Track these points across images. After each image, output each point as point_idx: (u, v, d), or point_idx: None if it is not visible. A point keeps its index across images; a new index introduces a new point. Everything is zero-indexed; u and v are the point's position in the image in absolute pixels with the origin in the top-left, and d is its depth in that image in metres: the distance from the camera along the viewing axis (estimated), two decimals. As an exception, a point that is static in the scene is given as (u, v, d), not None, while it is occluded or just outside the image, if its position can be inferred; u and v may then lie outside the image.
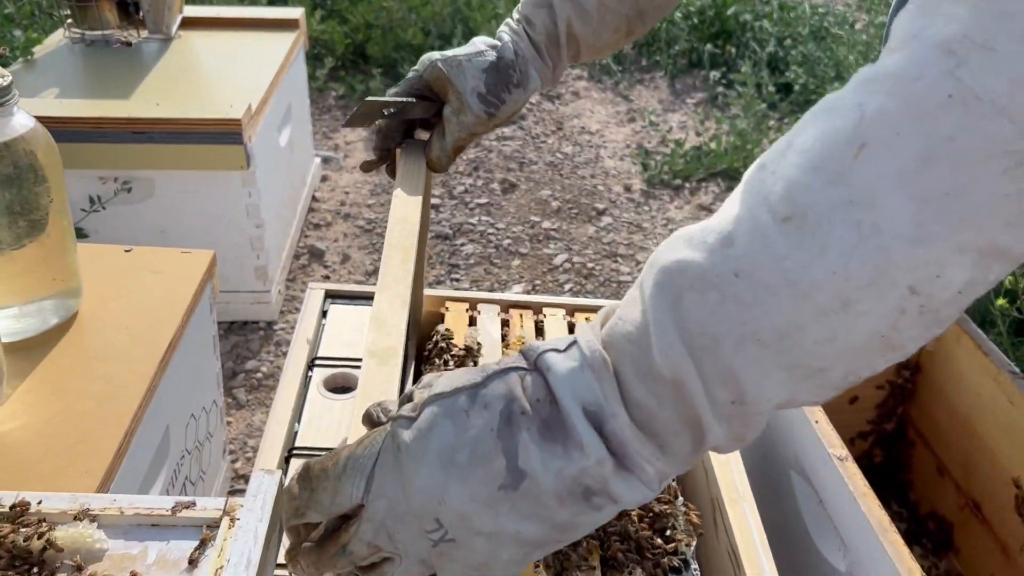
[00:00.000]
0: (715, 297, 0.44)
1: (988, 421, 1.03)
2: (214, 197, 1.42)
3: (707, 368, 0.44)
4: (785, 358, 0.43)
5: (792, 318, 0.42)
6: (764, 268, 0.42)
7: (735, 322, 0.43)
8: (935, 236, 0.40)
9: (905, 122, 0.40)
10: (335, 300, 1.04)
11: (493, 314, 1.04)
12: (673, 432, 0.46)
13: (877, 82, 0.42)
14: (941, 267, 0.41)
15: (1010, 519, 0.99)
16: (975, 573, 1.07)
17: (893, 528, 0.78)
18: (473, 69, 0.85)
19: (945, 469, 1.12)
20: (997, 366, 1.00)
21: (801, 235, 0.42)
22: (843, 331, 0.42)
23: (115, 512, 0.60)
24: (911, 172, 0.40)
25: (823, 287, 0.41)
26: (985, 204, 0.39)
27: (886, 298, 0.41)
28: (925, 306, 0.41)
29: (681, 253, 0.45)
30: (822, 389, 0.45)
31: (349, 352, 0.96)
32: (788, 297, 0.42)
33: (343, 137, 2.44)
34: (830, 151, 0.42)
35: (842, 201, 0.41)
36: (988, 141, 0.39)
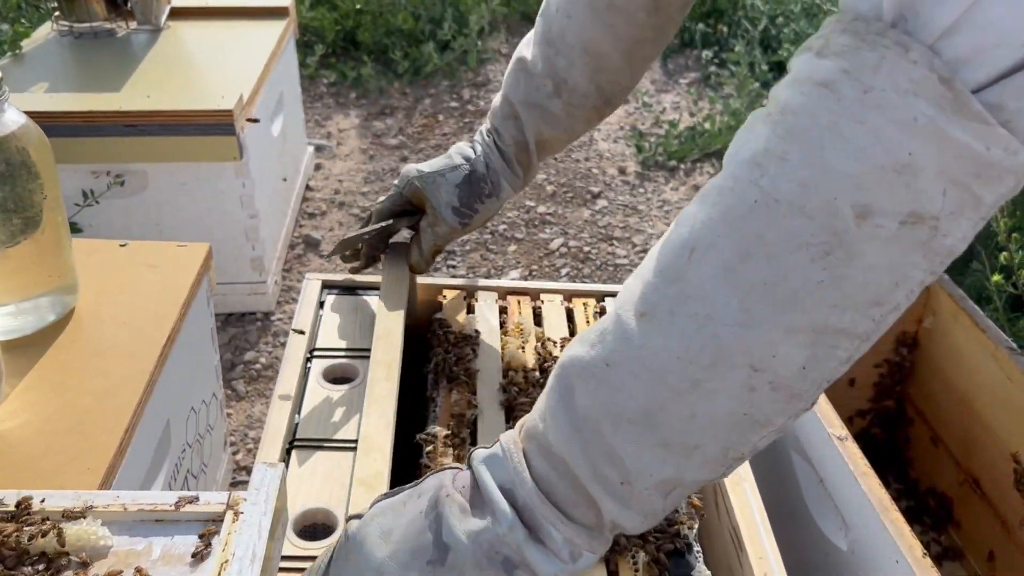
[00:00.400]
0: (593, 384, 0.52)
1: (986, 397, 1.03)
2: (208, 188, 1.41)
3: (593, 448, 0.52)
4: (656, 435, 0.50)
5: (653, 398, 0.50)
6: (627, 358, 0.51)
7: (609, 404, 0.51)
8: (761, 320, 0.47)
9: (723, 226, 0.48)
10: (332, 290, 1.04)
11: (491, 301, 1.04)
12: (572, 503, 0.53)
13: (708, 195, 0.50)
14: (774, 347, 0.47)
15: (1009, 494, 1.00)
16: (975, 548, 1.08)
17: (894, 506, 0.78)
18: (447, 184, 0.93)
19: (944, 445, 1.13)
20: (994, 342, 1.00)
21: (652, 327, 0.50)
22: (701, 408, 0.49)
23: (118, 509, 0.60)
24: (733, 267, 0.47)
25: (672, 370, 0.49)
26: (803, 289, 0.46)
27: (730, 377, 0.48)
28: (774, 382, 0.48)
29: (573, 349, 0.54)
30: (709, 465, 0.52)
31: (347, 343, 0.96)
32: (647, 380, 0.50)
33: (336, 125, 2.43)
34: (670, 256, 0.50)
35: (681, 297, 0.49)
36: (792, 235, 0.46)
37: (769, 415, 0.50)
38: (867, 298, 0.47)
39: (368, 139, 2.36)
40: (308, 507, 0.76)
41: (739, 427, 0.50)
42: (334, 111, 2.51)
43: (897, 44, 0.44)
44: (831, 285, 0.46)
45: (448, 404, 0.87)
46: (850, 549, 0.84)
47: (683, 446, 0.51)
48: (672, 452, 0.51)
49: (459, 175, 0.93)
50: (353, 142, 2.34)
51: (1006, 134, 0.44)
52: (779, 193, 0.46)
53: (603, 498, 0.53)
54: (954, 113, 0.43)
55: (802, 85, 0.47)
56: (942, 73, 0.43)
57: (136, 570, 0.56)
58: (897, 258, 0.46)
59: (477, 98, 2.60)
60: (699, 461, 0.52)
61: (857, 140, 0.44)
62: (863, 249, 0.45)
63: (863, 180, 0.44)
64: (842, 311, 0.47)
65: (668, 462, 0.51)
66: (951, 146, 0.44)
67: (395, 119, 2.47)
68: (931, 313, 1.13)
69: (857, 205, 0.45)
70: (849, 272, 0.46)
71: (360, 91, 2.61)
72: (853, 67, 0.45)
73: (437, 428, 0.84)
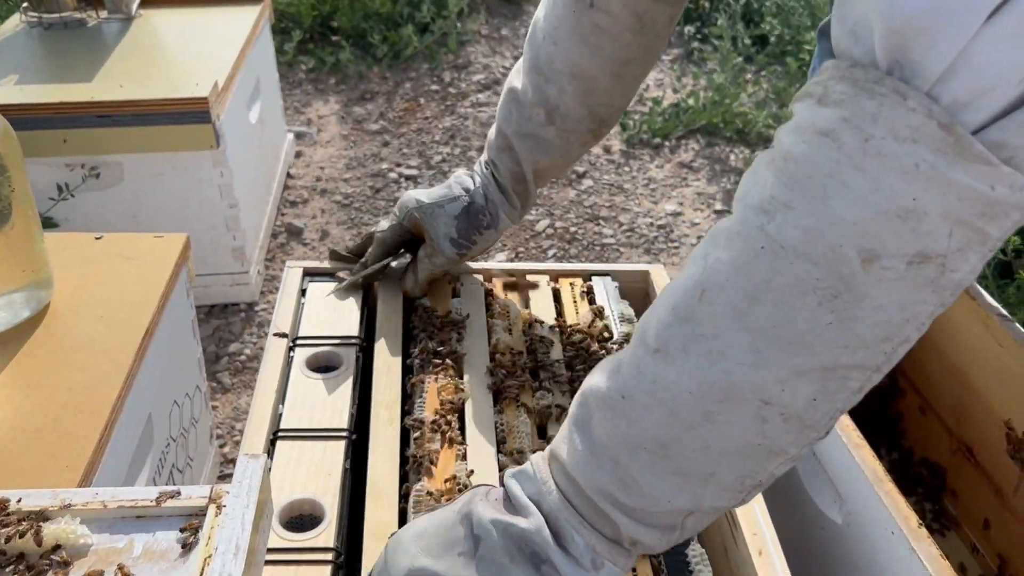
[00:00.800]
0: (610, 415, 0.54)
1: (978, 365, 1.02)
2: (185, 179, 1.39)
3: (609, 474, 0.54)
4: (672, 464, 0.52)
5: (668, 431, 0.51)
6: (640, 391, 0.52)
7: (626, 434, 0.53)
8: (770, 360, 0.48)
9: (732, 270, 0.49)
10: (314, 278, 1.02)
11: (476, 284, 1.03)
12: (592, 518, 0.55)
13: (718, 237, 0.51)
14: (783, 384, 0.48)
15: (1003, 462, 0.99)
16: (969, 517, 1.07)
17: (888, 478, 0.77)
18: (446, 216, 0.94)
19: (936, 415, 1.12)
20: (985, 310, 0.99)
21: (665, 363, 0.51)
22: (714, 440, 0.50)
23: (98, 506, 0.58)
24: (743, 310, 0.48)
25: (685, 404, 0.50)
26: (811, 332, 0.47)
27: (741, 410, 0.49)
28: (785, 414, 0.49)
29: (593, 379, 0.57)
30: (726, 493, 0.53)
31: (330, 330, 0.94)
32: (660, 414, 0.51)
33: (315, 111, 2.40)
34: (683, 295, 0.51)
35: (693, 335, 0.50)
36: (798, 281, 0.47)
37: (782, 445, 0.51)
38: (877, 335, 0.48)
39: (349, 125, 2.33)
40: (294, 498, 0.75)
41: (753, 456, 0.51)
42: (313, 97, 2.48)
43: (895, 92, 0.44)
44: (840, 327, 0.47)
45: (435, 389, 0.86)
46: (845, 522, 0.83)
47: (699, 475, 0.52)
48: (688, 481, 0.52)
49: (458, 207, 0.94)
50: (333, 128, 2.32)
51: (1011, 172, 0.44)
52: (785, 240, 0.47)
53: (620, 517, 0.54)
54: (956, 156, 0.43)
55: (804, 133, 0.47)
56: (941, 119, 0.43)
57: (118, 568, 0.55)
58: (906, 296, 0.47)
59: (458, 80, 2.57)
60: (715, 489, 0.53)
61: (859, 188, 0.45)
62: (870, 291, 0.46)
63: (867, 226, 0.45)
64: (853, 350, 0.48)
65: (684, 490, 0.53)
66: (954, 189, 0.44)
67: (375, 104, 2.44)
68: (920, 282, 1.12)
69: (863, 250, 0.45)
70: (858, 313, 0.47)
71: (339, 77, 2.58)
72: (853, 116, 0.45)
73: (424, 414, 0.83)
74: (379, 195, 2.03)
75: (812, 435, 0.51)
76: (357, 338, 0.93)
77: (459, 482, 0.76)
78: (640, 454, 0.52)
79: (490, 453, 0.79)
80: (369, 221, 1.92)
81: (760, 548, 0.71)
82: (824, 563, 0.90)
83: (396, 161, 2.17)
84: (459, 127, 2.33)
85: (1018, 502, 0.98)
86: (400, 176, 2.11)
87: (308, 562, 0.70)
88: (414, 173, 2.12)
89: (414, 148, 2.23)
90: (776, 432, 0.50)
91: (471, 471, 0.77)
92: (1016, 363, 0.94)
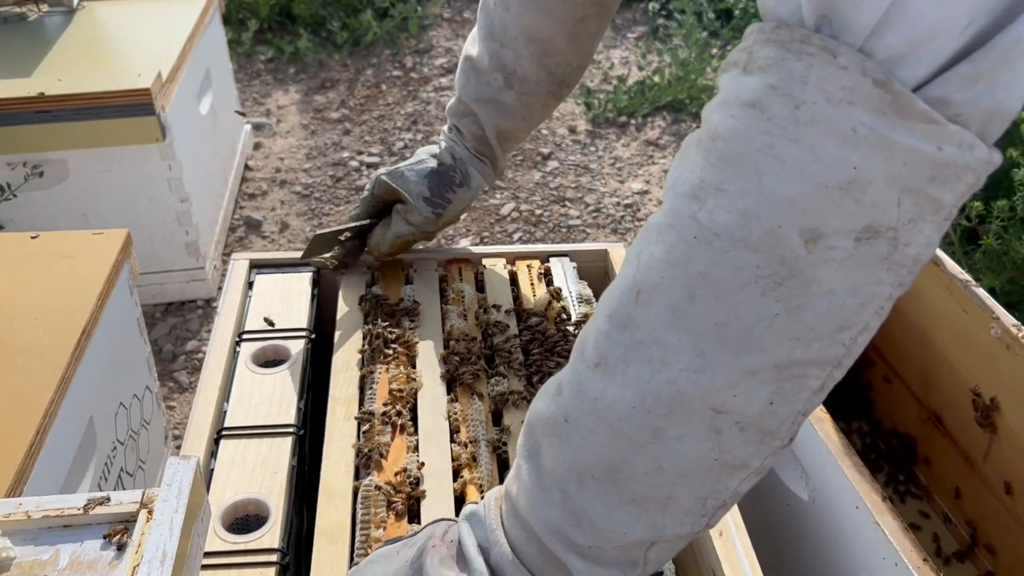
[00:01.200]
0: (555, 442, 0.48)
1: (943, 332, 1.01)
2: (133, 173, 1.34)
3: (559, 510, 0.48)
4: (624, 491, 0.46)
5: (615, 453, 0.46)
6: (583, 411, 0.47)
7: (572, 462, 0.47)
8: (717, 363, 0.43)
9: (666, 267, 0.44)
10: (261, 270, 0.99)
11: (431, 270, 0.99)
12: (540, 568, 0.50)
13: (650, 232, 0.46)
14: (734, 388, 0.43)
15: (971, 429, 0.98)
16: (940, 485, 1.06)
17: (852, 451, 0.75)
18: (416, 177, 0.92)
19: (904, 384, 1.10)
20: (950, 276, 0.98)
21: (606, 378, 0.46)
22: (667, 458, 0.45)
23: (21, 517, 0.55)
24: (682, 309, 0.43)
25: (630, 421, 0.45)
26: (758, 326, 0.42)
27: (692, 422, 0.44)
28: (741, 423, 0.44)
29: (537, 404, 0.51)
30: (688, 517, 0.47)
31: (279, 323, 0.91)
32: (605, 434, 0.46)
33: (275, 102, 2.36)
34: (618, 300, 0.46)
35: (632, 343, 0.45)
36: (738, 270, 0.42)
37: (742, 457, 0.46)
38: (832, 325, 0.43)
39: (309, 114, 2.29)
40: (239, 498, 0.72)
41: (712, 473, 0.46)
42: (273, 88, 2.43)
43: (823, 50, 0.40)
44: (788, 318, 0.42)
45: (386, 380, 0.83)
46: (811, 499, 0.81)
47: (655, 500, 0.47)
48: (644, 508, 0.47)
49: (426, 168, 0.94)
50: (293, 118, 2.27)
51: (958, 130, 0.40)
52: (719, 227, 0.42)
53: (573, 561, 0.49)
54: (896, 116, 0.39)
55: (731, 107, 0.43)
56: (876, 76, 0.39)
57: (38, 582, 0.52)
58: (858, 278, 0.42)
59: (420, 65, 2.53)
60: (676, 515, 0.47)
61: (794, 161, 0.40)
62: (818, 275, 0.41)
63: (807, 203, 0.40)
64: (806, 343, 0.43)
65: (641, 519, 0.47)
66: (898, 153, 0.40)
67: (336, 92, 2.40)
68: (884, 251, 1.10)
69: (804, 230, 0.41)
70: (806, 301, 0.42)
71: (299, 66, 2.53)
72: (780, 81, 0.41)
73: (375, 406, 0.80)
74: (340, 184, 1.99)
75: (774, 443, 0.46)
76: (305, 330, 0.90)
77: (410, 475, 0.73)
78: (588, 483, 0.47)
79: (443, 444, 0.77)
80: (329, 211, 1.88)
81: (721, 529, 0.69)
82: (792, 541, 0.88)
83: (357, 149, 2.13)
84: (421, 112, 2.29)
85: (987, 470, 0.96)
86: (361, 164, 2.07)
87: (251, 564, 0.67)
88: (376, 160, 2.08)
89: (376, 135, 2.19)
90: (733, 444, 0.45)
91: (422, 463, 0.74)
92: (981, 329, 0.93)
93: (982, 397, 0.95)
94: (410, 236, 0.94)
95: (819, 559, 0.81)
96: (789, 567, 0.90)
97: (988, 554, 0.98)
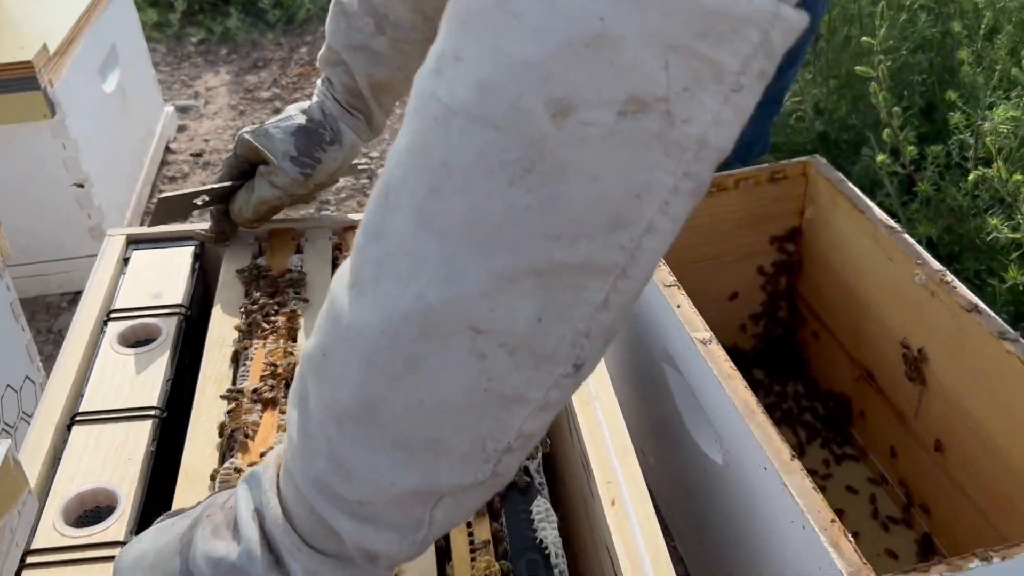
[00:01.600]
0: (316, 380, 0.42)
1: (870, 283, 0.95)
2: (23, 154, 1.26)
3: (323, 460, 0.42)
4: (386, 433, 0.40)
5: (371, 388, 0.39)
6: (338, 341, 0.40)
7: (331, 403, 0.41)
8: (466, 270, 0.36)
9: (409, 158, 0.37)
10: (139, 246, 0.92)
11: (324, 239, 0.93)
12: (310, 530, 0.44)
13: (405, 121, 0.39)
14: (491, 300, 0.36)
15: (902, 384, 0.92)
16: (877, 446, 1.01)
17: (760, 409, 0.70)
18: (282, 134, 0.85)
19: (837, 341, 1.05)
20: (874, 223, 0.92)
21: (359, 299, 0.39)
22: (427, 392, 0.39)
23: None
24: (426, 209, 0.37)
25: (381, 349, 0.38)
26: (507, 222, 0.35)
27: (451, 346, 0.38)
28: (508, 344, 0.37)
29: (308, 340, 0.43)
30: (468, 465, 0.41)
31: (152, 301, 0.84)
32: (358, 366, 0.39)
33: (204, 83, 2.27)
34: (371, 205, 0.39)
35: (383, 255, 0.38)
36: (481, 155, 0.35)
37: (517, 388, 0.39)
38: (599, 221, 0.35)
39: (239, 95, 2.20)
40: (86, 488, 0.65)
41: (486, 409, 0.39)
42: (203, 70, 2.34)
43: None
44: (542, 211, 0.35)
45: (261, 356, 0.76)
46: (725, 461, 0.76)
47: (422, 443, 0.40)
48: (412, 453, 0.40)
49: (293, 124, 0.87)
50: (222, 99, 2.18)
51: None
52: (457, 103, 0.35)
53: (343, 522, 0.42)
54: None
55: None
56: None
57: None
58: (627, 161, 0.34)
59: (356, 42, 2.44)
60: (450, 461, 0.40)
61: (532, 14, 0.33)
62: (573, 157, 0.34)
63: (550, 66, 0.33)
64: (570, 243, 0.35)
65: (410, 467, 0.40)
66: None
67: (269, 71, 2.31)
68: (811, 202, 1.04)
69: (551, 101, 0.33)
70: (562, 190, 0.34)
71: (230, 46, 2.43)
72: None
73: (246, 383, 0.73)
74: (269, 165, 1.91)
75: (555, 370, 0.38)
76: (180, 306, 0.83)
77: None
78: (348, 425, 0.40)
79: (318, 419, 0.70)
80: (258, 192, 1.80)
81: (614, 497, 0.63)
82: (708, 506, 0.82)
83: (289, 128, 2.05)
84: (356, 89, 2.21)
85: (919, 426, 0.91)
86: (292, 144, 1.99)
87: (92, 560, 0.60)
88: (307, 139, 2.00)
89: (308, 114, 2.11)
90: (503, 371, 0.38)
91: (291, 441, 0.68)
92: (907, 277, 0.87)
93: (911, 349, 0.90)
94: (276, 200, 0.87)
95: (735, 524, 0.75)
96: (708, 534, 0.84)
97: (923, 514, 0.93)
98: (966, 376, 0.82)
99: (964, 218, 1.14)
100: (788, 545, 0.64)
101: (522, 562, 0.59)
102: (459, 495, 0.42)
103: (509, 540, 0.61)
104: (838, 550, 0.58)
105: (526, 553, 0.60)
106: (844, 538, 0.59)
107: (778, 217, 1.06)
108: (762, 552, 0.70)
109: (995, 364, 0.77)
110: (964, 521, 0.86)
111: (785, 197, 1.05)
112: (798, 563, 0.63)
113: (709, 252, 1.05)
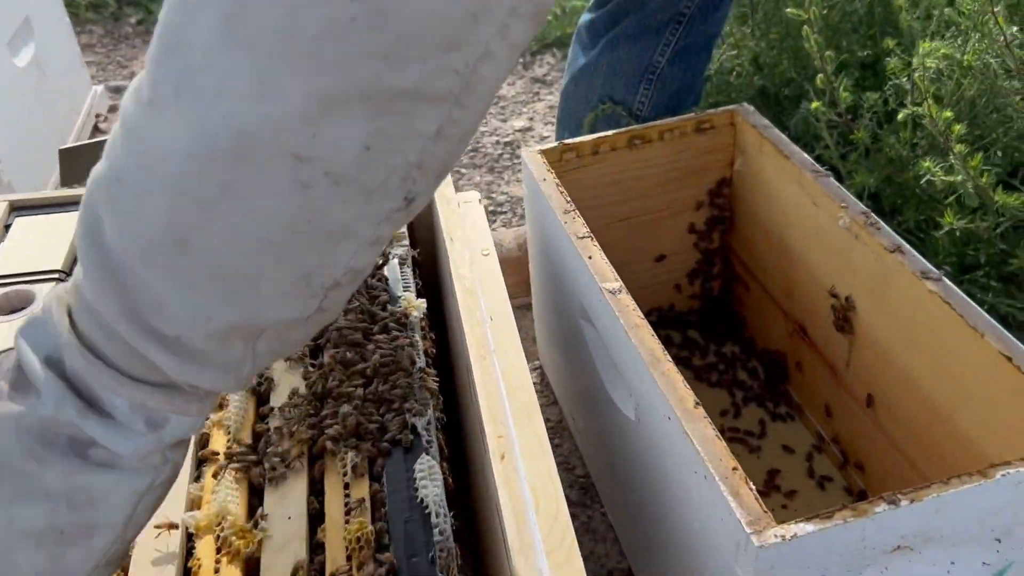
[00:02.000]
0: (111, 209, 0.37)
1: (797, 231, 0.91)
2: (-77, 130, 1.20)
3: (131, 295, 0.38)
4: (200, 267, 0.37)
5: (180, 218, 0.36)
6: (136, 167, 0.36)
7: (133, 234, 0.37)
8: (283, 87, 0.33)
9: None
10: (22, 212, 0.86)
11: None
12: (127, 363, 0.40)
13: None
14: (312, 125, 0.33)
15: (833, 336, 0.89)
16: (812, 403, 0.97)
17: (667, 358, 0.66)
18: None
19: (770, 296, 1.01)
20: (799, 167, 0.88)
21: (157, 118, 0.35)
22: (244, 222, 0.36)
23: None
24: (236, 15, 0.33)
25: (190, 175, 0.35)
26: (329, 35, 0.32)
27: (269, 173, 0.34)
28: (333, 174, 0.35)
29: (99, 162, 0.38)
30: (292, 299, 0.38)
31: (31, 266, 0.79)
32: (163, 195, 0.36)
33: (141, 65, 2.19)
34: (170, 11, 0.35)
35: (186, 68, 0.34)
36: None
37: (344, 221, 0.36)
38: (432, 40, 0.33)
39: (176, 74, 2.14)
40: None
41: (309, 242, 0.37)
42: (140, 51, 2.27)
43: None
44: (369, 25, 0.32)
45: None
46: (636, 417, 0.72)
47: (242, 277, 0.37)
48: (231, 286, 0.37)
49: None
50: (158, 79, 2.12)
51: None
52: None
53: (162, 357, 0.39)
54: None
55: None
56: None
57: None
58: None
59: (299, 19, 2.38)
60: (273, 294, 0.38)
61: None
62: None
63: None
64: (400, 64, 0.33)
65: (230, 301, 0.38)
66: None
67: (208, 51, 2.25)
68: (740, 153, 1.00)
69: None
70: (392, 3, 0.32)
71: (169, 26, 2.36)
72: None
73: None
74: (204, 143, 1.85)
75: (385, 204, 0.36)
76: (59, 271, 0.78)
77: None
78: (156, 260, 0.37)
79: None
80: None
81: (504, 452, 0.58)
82: (626, 467, 0.78)
83: (226, 107, 1.99)
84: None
85: (850, 379, 0.88)
86: (230, 122, 1.93)
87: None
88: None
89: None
90: (328, 203, 0.35)
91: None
92: (832, 221, 0.83)
93: (839, 297, 0.86)
94: None
95: (649, 482, 0.71)
96: (628, 496, 0.80)
97: (858, 471, 0.90)
98: (892, 322, 0.78)
99: (903, 167, 1.10)
100: (692, 496, 0.60)
101: (398, 523, 0.54)
102: (282, 330, 0.40)
103: (388, 501, 0.56)
104: (738, 499, 0.54)
105: (404, 513, 0.55)
106: (745, 486, 0.55)
107: (707, 170, 1.02)
108: (671, 506, 0.66)
109: (919, 306, 0.73)
110: (897, 475, 0.82)
111: (713, 148, 1.00)
112: (703, 514, 0.59)
113: (635, 208, 1.01)
